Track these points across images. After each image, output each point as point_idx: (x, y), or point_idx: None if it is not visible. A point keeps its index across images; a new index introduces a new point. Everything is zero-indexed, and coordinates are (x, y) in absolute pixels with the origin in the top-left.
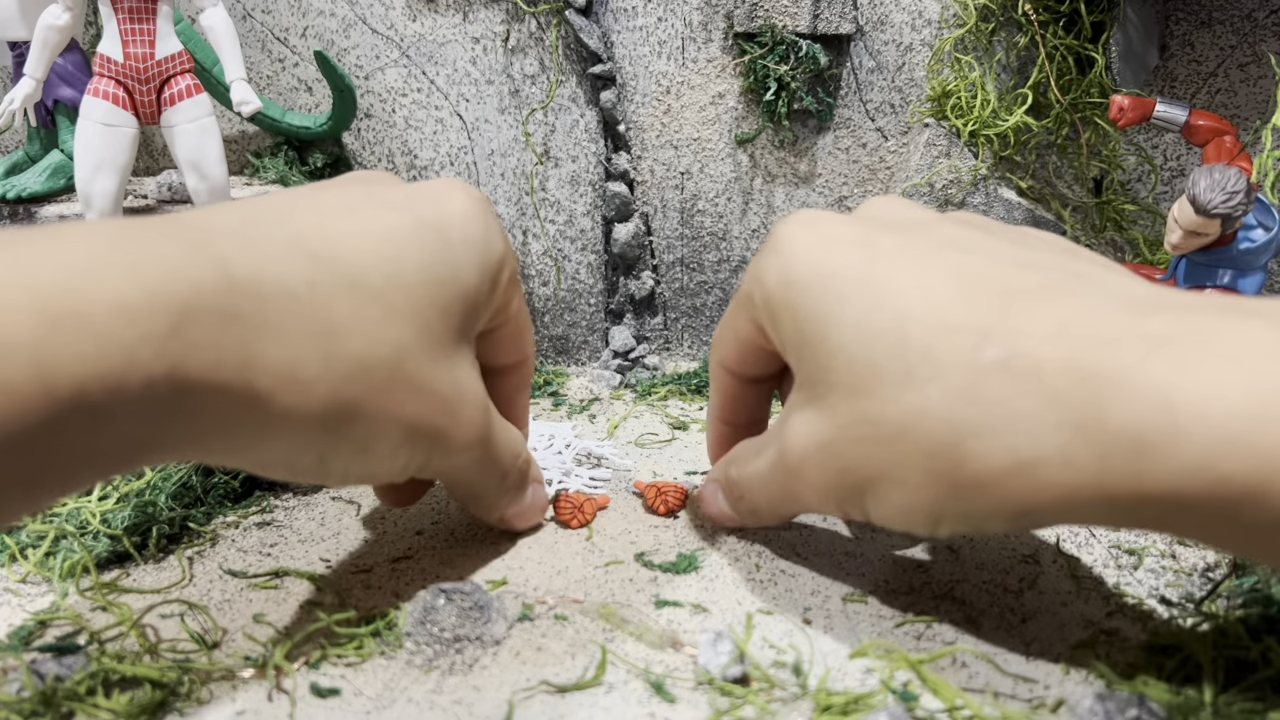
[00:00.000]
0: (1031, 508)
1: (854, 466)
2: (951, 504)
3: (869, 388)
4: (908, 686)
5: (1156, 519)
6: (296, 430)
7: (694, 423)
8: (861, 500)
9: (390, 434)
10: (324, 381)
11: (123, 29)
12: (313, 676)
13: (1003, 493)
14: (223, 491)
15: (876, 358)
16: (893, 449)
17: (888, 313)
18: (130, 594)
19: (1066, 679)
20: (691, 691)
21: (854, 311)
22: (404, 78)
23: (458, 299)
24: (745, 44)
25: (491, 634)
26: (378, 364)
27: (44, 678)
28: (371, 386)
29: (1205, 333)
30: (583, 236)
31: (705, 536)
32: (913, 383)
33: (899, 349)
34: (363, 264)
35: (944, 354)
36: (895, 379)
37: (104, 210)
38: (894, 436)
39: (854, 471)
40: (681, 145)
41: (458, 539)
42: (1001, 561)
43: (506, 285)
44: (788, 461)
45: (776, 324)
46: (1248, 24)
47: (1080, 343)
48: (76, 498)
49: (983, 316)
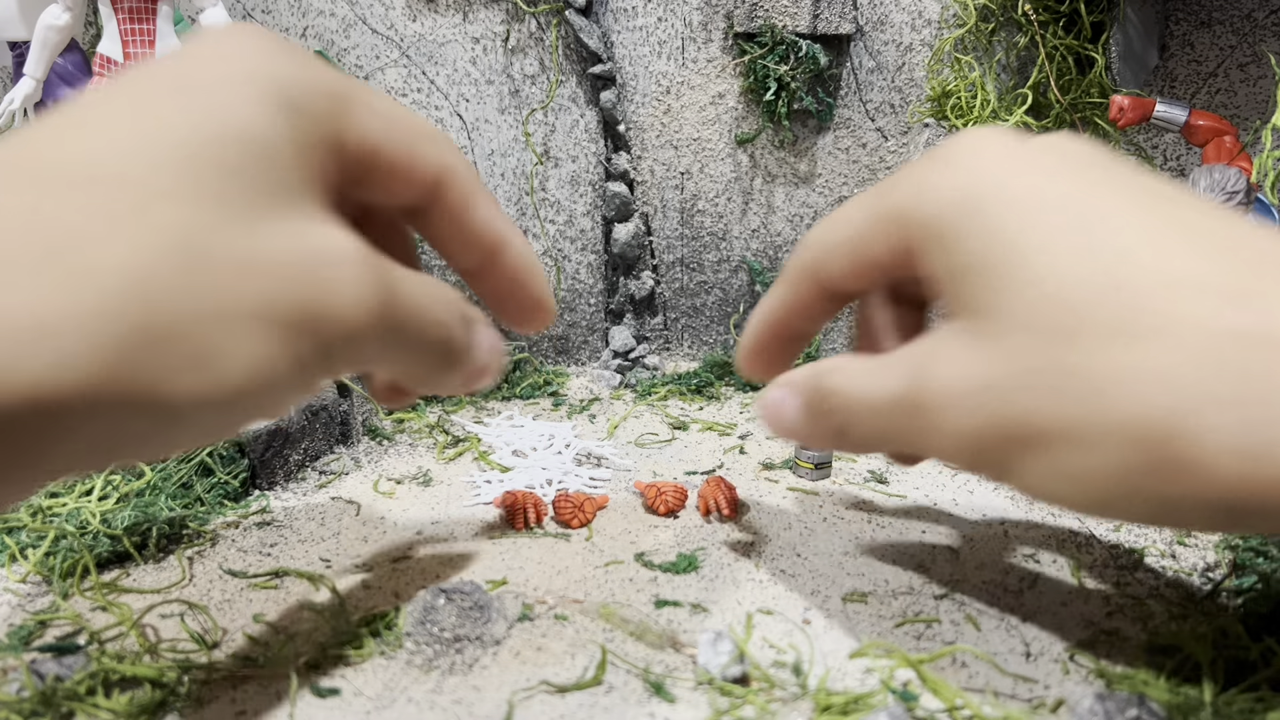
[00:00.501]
0: (1248, 505)
1: (1021, 418)
2: (1144, 482)
3: (1069, 333)
4: (908, 686)
5: None
6: (81, 381)
7: (694, 423)
8: (1013, 458)
9: (232, 331)
10: (83, 301)
11: (123, 29)
12: (313, 676)
13: (1218, 480)
14: (223, 491)
15: (1085, 301)
16: (1085, 407)
17: (1106, 253)
18: (130, 594)
19: (1066, 679)
20: (691, 691)
21: (1063, 245)
22: (404, 78)
23: (248, 150)
24: (745, 44)
25: (491, 634)
26: (161, 256)
27: (44, 677)
28: (164, 284)
29: None
30: (583, 236)
31: (705, 536)
32: (1129, 337)
33: (1116, 296)
34: (97, 158)
35: (1174, 310)
36: (1106, 329)
37: None
38: (1091, 393)
39: (1018, 423)
40: (681, 145)
41: (458, 539)
42: (1001, 562)
43: (335, 112)
44: (924, 396)
45: (942, 244)
46: (1247, 24)
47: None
48: (76, 497)
49: (1226, 276)
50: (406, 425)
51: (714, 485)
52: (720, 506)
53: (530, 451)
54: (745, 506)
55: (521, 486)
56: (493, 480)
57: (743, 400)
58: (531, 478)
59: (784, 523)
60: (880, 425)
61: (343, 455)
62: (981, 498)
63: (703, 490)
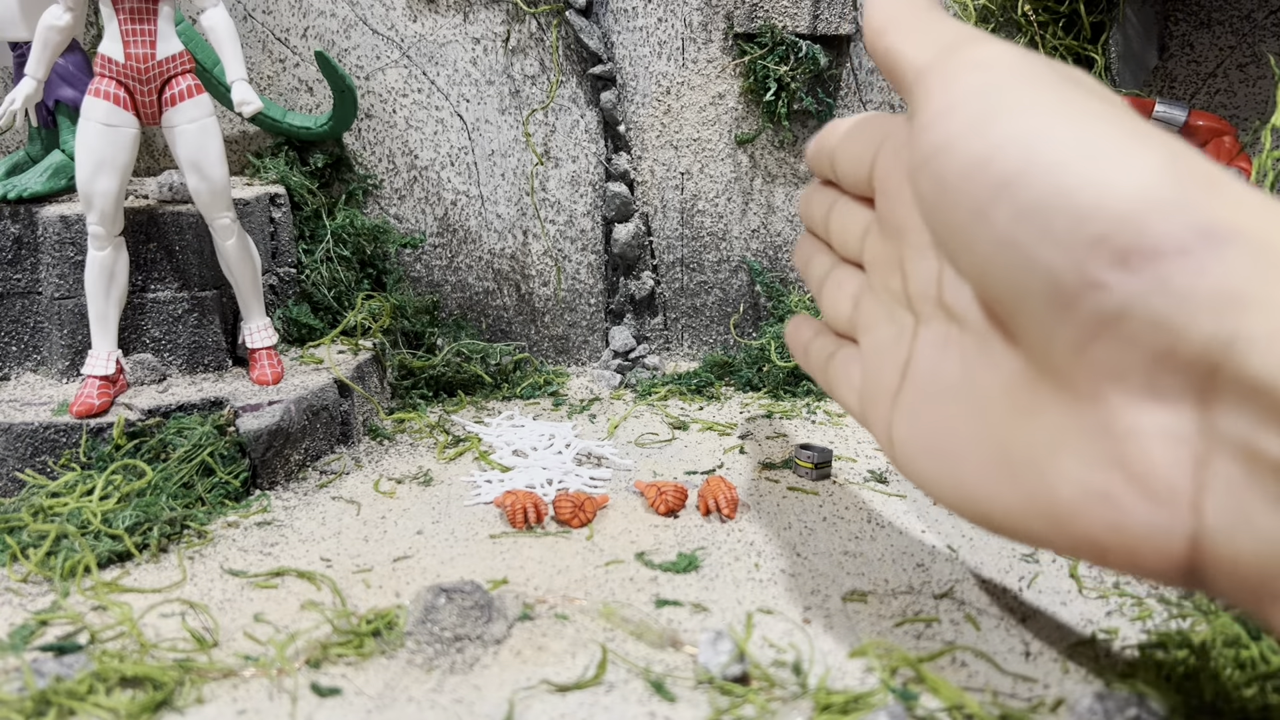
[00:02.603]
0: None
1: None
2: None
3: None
4: (907, 685)
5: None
6: None
7: (694, 423)
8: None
9: None
10: None
11: (124, 29)
12: (313, 676)
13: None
14: (224, 491)
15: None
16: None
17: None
18: (131, 593)
19: (1066, 678)
20: (692, 690)
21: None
22: (404, 78)
23: None
24: (745, 44)
25: (492, 633)
26: None
27: (45, 677)
28: None
29: None
30: (583, 236)
31: (705, 536)
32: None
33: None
34: None
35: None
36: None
37: (104, 210)
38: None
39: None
40: (681, 145)
41: (458, 539)
42: (1001, 561)
43: None
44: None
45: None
46: (1247, 24)
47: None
48: (78, 497)
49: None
50: (407, 425)
51: (714, 485)
52: (720, 506)
53: (530, 451)
54: (745, 506)
55: (522, 486)
56: (493, 480)
57: (742, 400)
58: (532, 477)
59: (784, 522)
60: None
61: (343, 455)
62: None
63: (703, 490)
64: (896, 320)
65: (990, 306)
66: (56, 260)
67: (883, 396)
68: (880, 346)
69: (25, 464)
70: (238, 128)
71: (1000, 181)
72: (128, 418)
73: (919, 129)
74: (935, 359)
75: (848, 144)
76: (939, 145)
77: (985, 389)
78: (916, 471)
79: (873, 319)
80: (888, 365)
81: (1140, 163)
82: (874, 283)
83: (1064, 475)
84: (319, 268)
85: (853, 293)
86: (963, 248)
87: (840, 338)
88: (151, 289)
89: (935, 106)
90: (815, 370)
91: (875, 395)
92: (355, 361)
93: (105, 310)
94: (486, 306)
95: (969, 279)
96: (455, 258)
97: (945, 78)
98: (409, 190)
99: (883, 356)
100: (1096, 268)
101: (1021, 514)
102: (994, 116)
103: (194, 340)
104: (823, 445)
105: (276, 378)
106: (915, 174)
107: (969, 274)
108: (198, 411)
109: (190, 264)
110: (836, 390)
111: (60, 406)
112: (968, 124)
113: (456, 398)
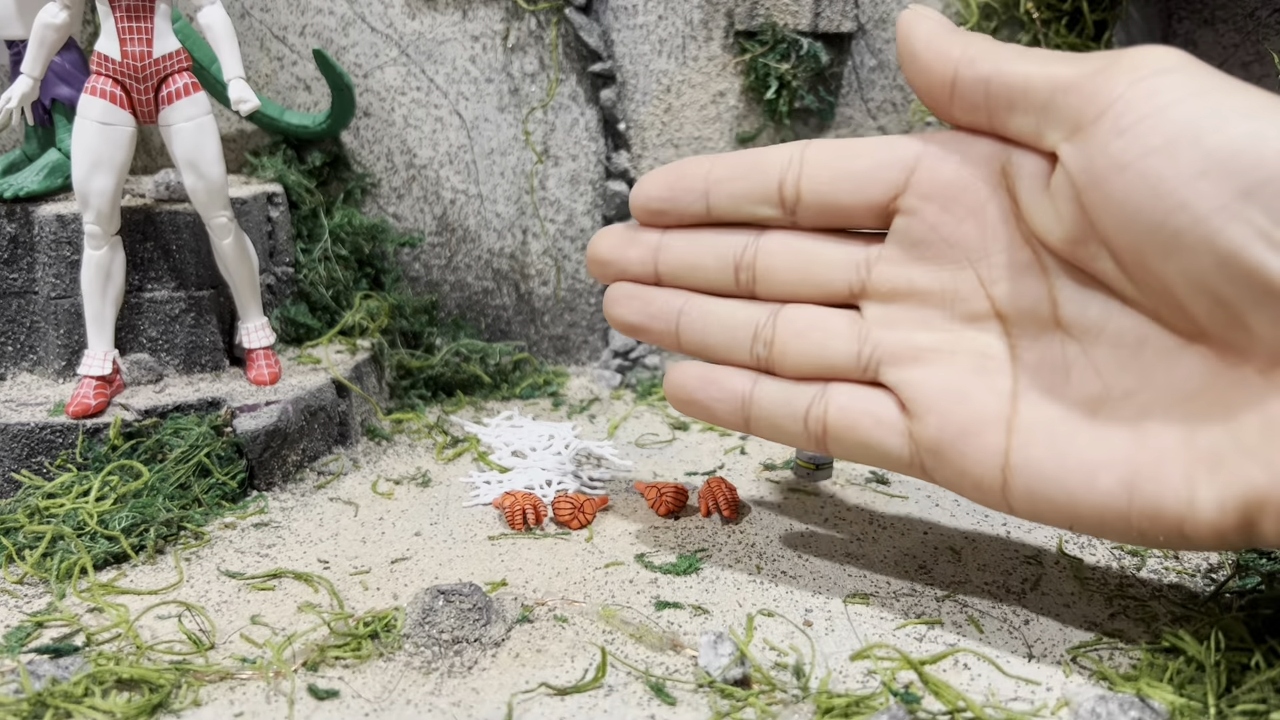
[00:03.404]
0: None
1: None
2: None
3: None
4: (910, 688)
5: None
6: None
7: (694, 423)
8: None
9: None
10: None
11: (120, 27)
12: (311, 678)
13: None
14: (221, 492)
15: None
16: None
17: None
18: (127, 595)
19: (1069, 680)
20: (692, 693)
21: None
22: (403, 76)
23: None
24: (746, 42)
25: (491, 636)
26: None
27: (41, 679)
28: None
29: None
30: (583, 236)
31: (705, 537)
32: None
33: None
34: None
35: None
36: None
37: (101, 209)
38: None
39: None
40: (682, 144)
41: (457, 540)
42: (1004, 563)
43: None
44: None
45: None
46: (1250, 22)
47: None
48: (74, 498)
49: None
50: (405, 426)
51: (714, 486)
52: (721, 507)
53: (530, 452)
54: (746, 507)
55: (521, 487)
56: (492, 481)
57: None
58: (531, 478)
59: (784, 523)
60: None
61: (341, 456)
62: None
63: (703, 491)
64: (972, 346)
65: (1192, 308)
66: (53, 259)
67: (984, 430)
68: (952, 376)
69: (21, 464)
70: (235, 126)
71: (1252, 182)
72: (124, 418)
73: (1112, 134)
74: (1058, 378)
75: (833, 168)
76: (1156, 146)
77: (1147, 396)
78: (1044, 500)
79: (918, 350)
80: (980, 395)
81: None
82: (904, 316)
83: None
84: (316, 267)
85: (845, 329)
86: (1186, 250)
87: (802, 388)
88: (148, 288)
89: (1137, 110)
90: (782, 423)
91: (966, 429)
92: (353, 361)
93: (101, 310)
94: (485, 306)
95: (1180, 282)
96: (454, 257)
97: (1131, 84)
98: (407, 189)
99: (965, 386)
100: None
101: (1222, 512)
102: (1227, 117)
103: (191, 340)
104: None
105: (274, 378)
106: (1107, 180)
107: (1185, 277)
108: (194, 412)
109: (187, 263)
110: (847, 437)
111: (56, 407)
112: (1194, 124)
113: (455, 398)
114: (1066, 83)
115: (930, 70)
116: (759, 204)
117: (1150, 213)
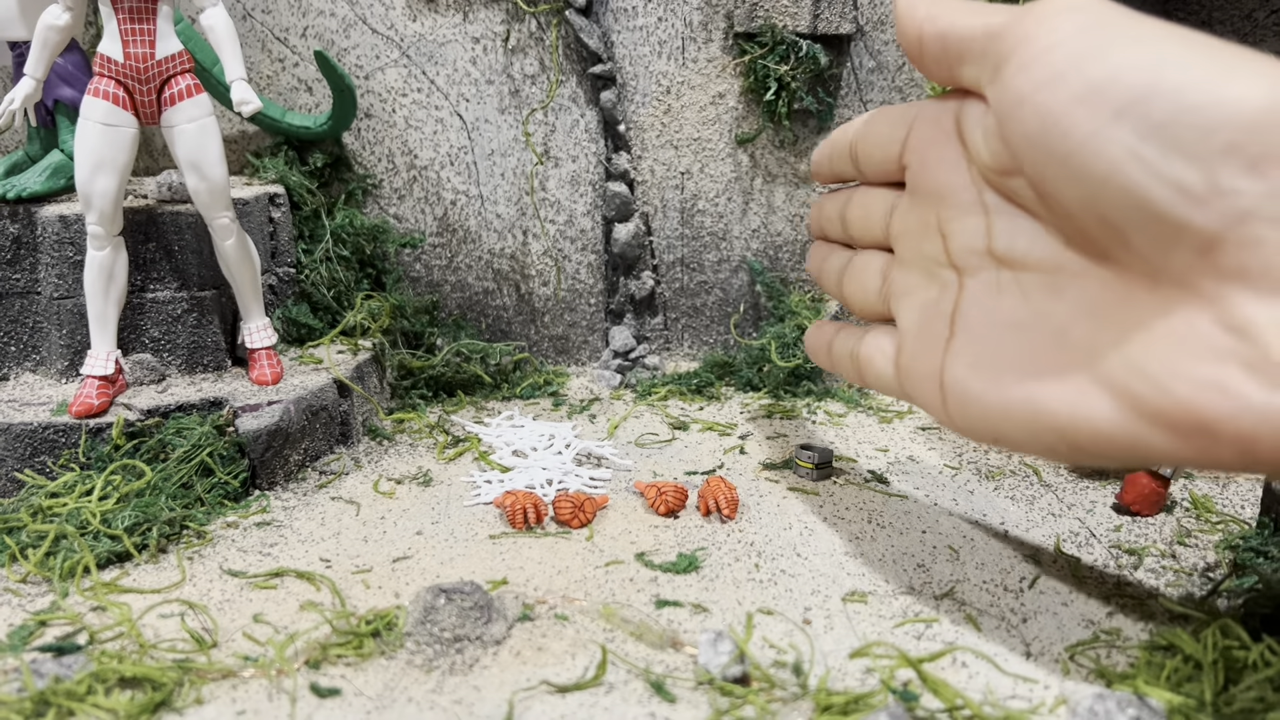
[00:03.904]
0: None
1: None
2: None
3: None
4: (908, 686)
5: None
6: None
7: (694, 423)
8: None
9: None
10: None
11: (123, 29)
12: (313, 676)
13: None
14: (223, 492)
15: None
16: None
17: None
18: (130, 594)
19: (1067, 678)
20: (692, 691)
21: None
22: (404, 77)
23: None
24: (745, 44)
25: (492, 634)
26: None
27: (44, 677)
28: None
29: None
30: (583, 236)
31: (705, 536)
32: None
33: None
34: None
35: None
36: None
37: (104, 210)
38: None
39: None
40: (681, 145)
41: (458, 539)
42: (1002, 561)
43: None
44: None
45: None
46: (1248, 24)
47: None
48: (77, 498)
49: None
50: (407, 425)
51: (714, 485)
52: (720, 506)
53: (530, 451)
54: (745, 507)
55: (521, 486)
56: (493, 480)
57: (743, 400)
58: (531, 478)
59: (784, 523)
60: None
61: (343, 455)
62: (982, 498)
63: (703, 490)
64: (937, 278)
65: (1089, 230)
66: (55, 260)
67: (931, 349)
68: (921, 305)
69: (24, 464)
70: (237, 127)
71: (1123, 103)
72: (127, 418)
73: (1015, 71)
74: (990, 302)
75: (871, 132)
76: (1045, 79)
77: (1061, 315)
78: (971, 412)
79: (908, 284)
80: (933, 320)
81: (1261, 79)
82: (905, 254)
83: (1176, 374)
84: (318, 267)
85: (879, 268)
86: (1073, 174)
87: (858, 331)
88: (150, 289)
89: (1035, 47)
90: (841, 362)
91: (921, 350)
92: (355, 361)
93: (104, 310)
94: (486, 306)
95: (1074, 205)
96: (455, 257)
97: (1037, 24)
98: (408, 190)
99: (926, 313)
100: (1228, 175)
101: (1113, 422)
102: (1108, 46)
103: (193, 340)
104: (823, 445)
105: (276, 378)
106: (1011, 114)
107: (1076, 200)
108: (197, 412)
109: (189, 264)
110: (867, 371)
111: (59, 407)
112: (1078, 55)
113: (456, 398)
114: (997, 28)
115: (904, 31)
116: (846, 164)
117: (1043, 142)
